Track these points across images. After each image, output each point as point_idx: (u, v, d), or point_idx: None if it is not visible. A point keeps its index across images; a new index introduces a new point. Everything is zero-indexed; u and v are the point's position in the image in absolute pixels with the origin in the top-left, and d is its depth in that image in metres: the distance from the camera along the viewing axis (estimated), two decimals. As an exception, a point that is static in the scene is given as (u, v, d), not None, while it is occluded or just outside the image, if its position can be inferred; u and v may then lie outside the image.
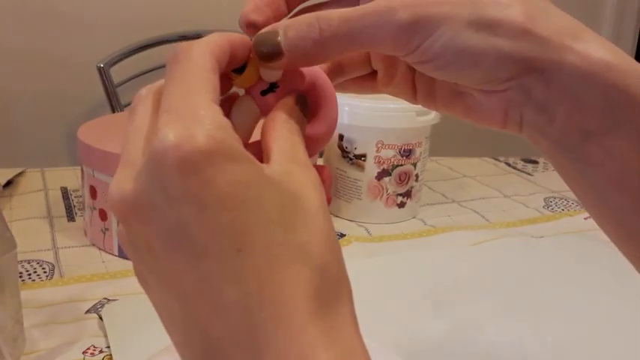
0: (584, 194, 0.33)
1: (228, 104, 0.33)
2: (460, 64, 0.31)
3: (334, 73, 0.38)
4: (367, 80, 0.39)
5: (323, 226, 0.27)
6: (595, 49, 0.30)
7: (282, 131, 0.30)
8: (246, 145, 0.32)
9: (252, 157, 0.26)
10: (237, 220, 0.25)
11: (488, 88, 0.32)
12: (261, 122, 0.32)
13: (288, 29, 0.31)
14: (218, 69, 0.28)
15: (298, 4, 0.36)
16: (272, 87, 0.32)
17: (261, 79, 0.32)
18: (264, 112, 0.32)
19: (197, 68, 0.27)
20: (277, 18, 0.35)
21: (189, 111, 0.25)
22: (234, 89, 0.33)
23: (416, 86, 0.38)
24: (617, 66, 0.30)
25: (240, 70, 0.31)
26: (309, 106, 0.34)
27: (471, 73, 0.31)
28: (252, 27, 0.34)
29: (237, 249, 0.25)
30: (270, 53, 0.31)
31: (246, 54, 0.31)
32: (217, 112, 0.26)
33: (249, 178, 0.25)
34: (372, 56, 0.38)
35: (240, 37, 0.30)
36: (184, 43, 0.28)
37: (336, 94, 0.35)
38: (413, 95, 0.38)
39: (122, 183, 0.26)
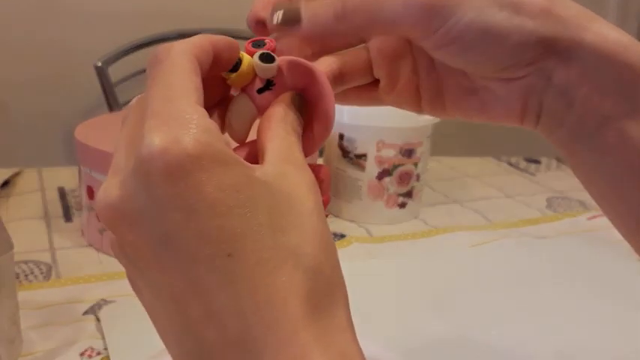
0: (596, 184, 0.33)
1: (224, 105, 0.32)
2: (484, 45, 0.31)
3: (335, 81, 0.37)
4: (369, 90, 0.39)
5: (316, 228, 0.26)
6: (609, 30, 0.31)
7: (277, 131, 0.29)
8: (243, 145, 0.32)
9: (241, 159, 0.26)
10: (226, 225, 0.24)
11: (509, 74, 0.32)
12: (257, 121, 0.32)
13: None
14: (200, 70, 0.28)
15: None
16: (268, 85, 0.32)
17: (256, 77, 0.32)
18: (261, 110, 0.32)
19: (178, 70, 0.27)
20: None
21: (173, 115, 0.25)
22: (232, 91, 0.33)
23: (420, 92, 0.37)
24: (631, 47, 0.30)
25: (234, 69, 0.31)
26: (307, 104, 0.33)
27: (494, 56, 0.31)
28: (260, 25, 0.34)
29: (228, 254, 0.24)
30: (289, 18, 0.31)
31: (233, 56, 0.31)
32: (203, 114, 0.25)
33: (239, 182, 0.25)
34: (374, 63, 0.37)
35: (224, 39, 0.30)
36: (164, 45, 0.28)
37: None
38: (417, 103, 0.38)
39: (109, 190, 0.26)
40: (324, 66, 0.37)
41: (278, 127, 0.29)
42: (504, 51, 0.31)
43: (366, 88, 0.39)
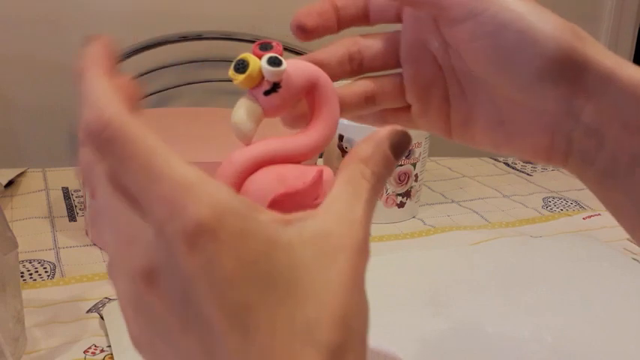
0: (631, 220, 0.33)
1: None
2: (518, 48, 0.30)
3: (367, 101, 0.38)
4: (404, 112, 0.39)
5: (342, 299, 0.24)
6: (635, 70, 0.31)
7: (351, 175, 0.27)
8: (251, 144, 0.32)
9: (263, 220, 0.24)
10: (242, 298, 0.24)
11: (532, 95, 0.32)
12: (263, 121, 0.33)
13: None
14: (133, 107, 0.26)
15: (348, 26, 0.37)
16: (275, 87, 0.32)
17: (263, 80, 0.32)
18: (267, 112, 0.32)
19: (141, 140, 0.24)
20: (326, 29, 0.36)
21: (179, 187, 0.23)
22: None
23: (450, 120, 0.38)
24: None
25: (242, 70, 0.31)
26: (311, 106, 0.34)
27: (525, 63, 0.31)
28: (301, 30, 0.35)
29: (242, 327, 0.24)
30: None
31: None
32: (203, 178, 0.24)
33: (258, 253, 0.24)
34: (407, 89, 0.38)
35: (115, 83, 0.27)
36: (94, 120, 0.25)
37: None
38: (447, 129, 0.38)
39: (134, 260, 0.25)
40: (360, 87, 0.38)
41: (355, 171, 0.28)
42: (537, 60, 0.31)
43: (400, 110, 0.39)
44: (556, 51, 0.30)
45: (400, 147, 0.29)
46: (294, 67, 0.33)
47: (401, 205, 0.83)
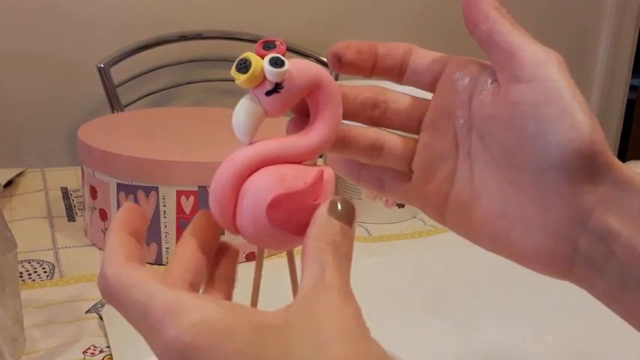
0: None
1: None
2: (558, 118, 0.30)
3: (373, 150, 0.37)
4: (402, 180, 0.38)
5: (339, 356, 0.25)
6: None
7: (323, 260, 0.28)
8: (256, 142, 0.32)
9: (241, 314, 0.26)
10: None
11: (550, 179, 0.31)
12: (265, 120, 0.32)
13: None
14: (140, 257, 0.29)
15: (380, 75, 0.37)
16: (277, 87, 0.32)
17: (265, 80, 0.32)
18: (269, 112, 0.32)
19: (132, 296, 0.28)
20: (359, 68, 0.36)
21: (161, 315, 0.27)
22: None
23: (449, 203, 0.36)
24: None
25: (244, 70, 0.31)
26: (313, 106, 0.34)
27: (558, 141, 0.30)
28: (336, 59, 0.35)
29: None
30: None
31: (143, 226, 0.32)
32: (183, 299, 0.26)
33: (242, 344, 0.25)
34: (416, 154, 0.37)
35: (134, 216, 0.31)
36: (104, 283, 0.29)
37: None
38: (442, 212, 0.37)
39: None
40: (373, 132, 0.37)
41: (315, 250, 0.29)
42: (566, 144, 0.30)
43: (400, 177, 0.38)
44: (587, 142, 0.30)
45: (346, 211, 0.30)
46: (297, 67, 0.32)
47: (401, 205, 0.83)
